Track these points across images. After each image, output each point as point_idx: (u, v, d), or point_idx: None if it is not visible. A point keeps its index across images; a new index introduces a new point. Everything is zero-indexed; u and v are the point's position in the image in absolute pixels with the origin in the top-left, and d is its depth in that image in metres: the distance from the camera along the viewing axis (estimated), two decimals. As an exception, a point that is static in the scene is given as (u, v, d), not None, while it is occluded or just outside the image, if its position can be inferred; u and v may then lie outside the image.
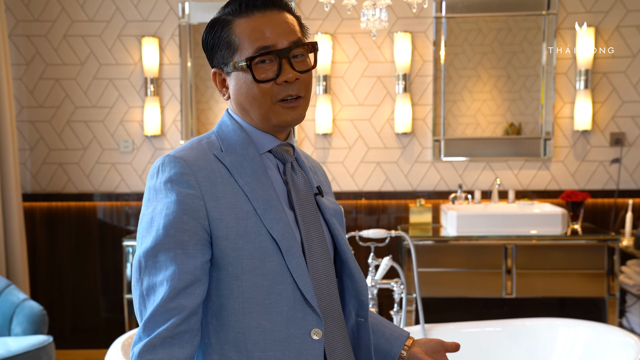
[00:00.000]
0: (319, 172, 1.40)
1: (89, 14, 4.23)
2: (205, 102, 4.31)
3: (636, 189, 4.10)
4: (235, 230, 1.17)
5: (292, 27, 1.24)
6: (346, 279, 1.31)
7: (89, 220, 4.30)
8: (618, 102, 4.07)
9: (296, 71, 1.21)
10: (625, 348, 2.13)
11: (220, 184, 1.19)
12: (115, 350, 2.28)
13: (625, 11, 4.01)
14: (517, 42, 4.12)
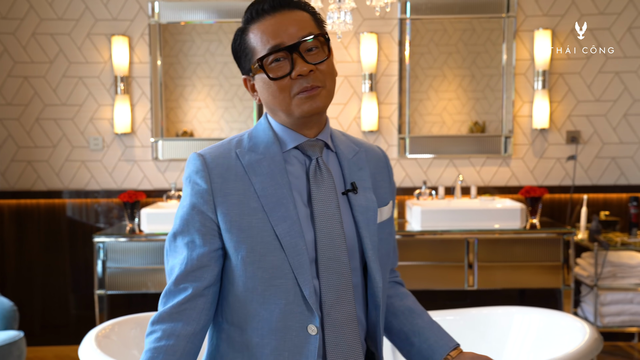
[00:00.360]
0: (369, 165, 1.40)
1: (58, 12, 4.25)
2: (174, 101, 4.37)
3: (591, 184, 4.29)
4: (239, 224, 1.26)
5: (302, 22, 1.28)
6: (368, 278, 1.35)
7: (59, 218, 4.32)
8: (573, 101, 4.25)
9: (309, 63, 1.25)
10: (574, 332, 2.28)
11: (233, 181, 1.28)
12: (89, 341, 2.34)
13: (580, 15, 4.19)
14: (480, 43, 4.27)
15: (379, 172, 1.42)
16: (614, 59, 4.21)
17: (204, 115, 4.37)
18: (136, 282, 3.80)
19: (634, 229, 4.13)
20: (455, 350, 1.36)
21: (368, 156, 1.41)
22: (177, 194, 4.16)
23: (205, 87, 4.37)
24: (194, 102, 4.38)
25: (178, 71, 4.35)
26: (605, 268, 3.96)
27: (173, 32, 4.31)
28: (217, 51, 4.34)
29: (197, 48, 4.34)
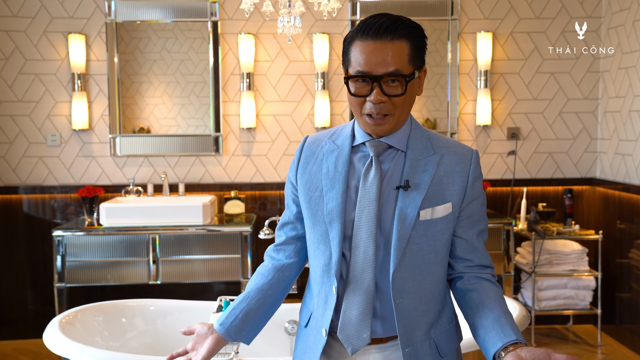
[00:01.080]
0: (441, 168, 1.54)
1: (13, 10, 4.29)
2: (130, 97, 4.45)
3: (530, 178, 4.58)
4: (304, 197, 1.61)
5: (396, 56, 1.46)
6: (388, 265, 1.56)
7: (16, 213, 4.36)
8: (513, 100, 4.53)
9: (385, 94, 1.47)
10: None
11: (312, 164, 1.61)
12: (53, 327, 2.45)
13: (518, 19, 4.47)
14: (431, 42, 4.49)
15: (450, 174, 1.55)
16: (550, 60, 4.50)
17: (160, 112, 4.47)
18: (95, 275, 3.89)
19: (569, 219, 4.43)
20: (514, 345, 1.39)
21: (445, 160, 1.56)
22: (135, 188, 4.26)
23: (162, 84, 4.46)
24: (150, 99, 4.47)
25: (134, 68, 4.44)
26: (543, 256, 4.25)
27: (129, 29, 4.39)
28: (173, 48, 4.44)
29: (153, 45, 4.43)
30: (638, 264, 4.08)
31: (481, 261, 1.59)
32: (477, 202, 1.58)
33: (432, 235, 1.53)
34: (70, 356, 2.32)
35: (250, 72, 4.36)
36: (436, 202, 1.53)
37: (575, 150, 4.58)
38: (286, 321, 2.92)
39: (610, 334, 4.38)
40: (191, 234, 3.91)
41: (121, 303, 2.88)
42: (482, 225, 1.60)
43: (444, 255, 1.57)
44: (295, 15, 2.66)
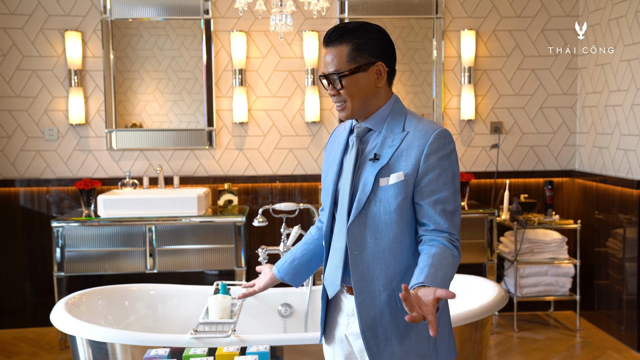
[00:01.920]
0: (403, 143, 1.80)
1: (10, 7, 4.40)
2: (123, 94, 4.58)
3: (512, 170, 4.76)
4: (325, 166, 1.98)
5: (336, 58, 1.80)
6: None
7: (14, 206, 4.48)
8: (496, 95, 4.71)
9: (335, 88, 1.82)
10: (487, 289, 2.70)
11: (331, 147, 1.98)
12: (59, 308, 2.58)
13: (500, 17, 4.65)
14: (418, 40, 4.66)
15: (409, 148, 1.79)
16: (530, 57, 4.68)
17: (152, 109, 4.60)
18: (93, 264, 4.02)
19: (549, 209, 4.62)
20: (421, 286, 1.63)
21: (409, 136, 1.81)
22: (131, 181, 4.39)
23: (154, 80, 4.59)
24: (142, 96, 4.59)
25: (126, 65, 4.56)
26: (524, 244, 4.43)
27: (121, 27, 4.51)
28: (165, 46, 4.57)
29: (144, 42, 4.56)
30: (615, 252, 4.27)
31: (438, 226, 1.77)
32: (433, 173, 1.76)
33: (385, 199, 1.78)
34: (76, 334, 2.46)
35: (242, 69, 4.50)
36: (392, 171, 1.78)
37: (556, 143, 4.77)
38: (279, 304, 3.07)
39: (588, 319, 4.57)
40: (186, 224, 4.04)
41: (123, 287, 3.02)
42: (440, 195, 1.76)
43: (398, 217, 1.78)
44: (286, 13, 2.82)
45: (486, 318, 2.68)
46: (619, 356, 3.95)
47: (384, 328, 1.78)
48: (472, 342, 2.66)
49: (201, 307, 2.97)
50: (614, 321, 4.26)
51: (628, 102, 4.08)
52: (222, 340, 2.34)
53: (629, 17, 4.05)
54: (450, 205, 1.78)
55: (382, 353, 1.78)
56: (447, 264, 1.69)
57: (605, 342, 4.19)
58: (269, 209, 3.44)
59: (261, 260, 3.01)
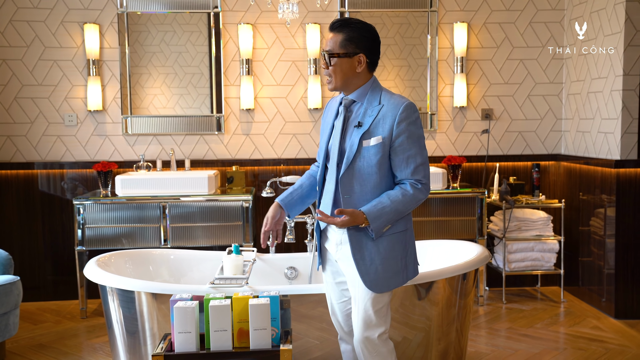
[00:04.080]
0: (380, 114, 2.34)
1: (33, 2, 4.72)
2: (131, 87, 4.89)
3: (502, 154, 5.08)
4: (321, 130, 2.53)
5: (334, 42, 2.34)
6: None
7: (36, 187, 4.80)
8: (487, 84, 5.03)
9: (326, 64, 2.37)
10: (472, 250, 3.03)
11: (325, 115, 2.54)
12: (92, 264, 2.91)
13: (490, 10, 4.96)
14: (416, 36, 4.97)
15: (385, 117, 2.34)
16: (519, 48, 5.00)
17: (159, 102, 4.90)
18: (111, 240, 4.33)
19: (536, 190, 4.94)
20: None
21: (384, 108, 2.35)
22: (145, 164, 4.71)
23: (161, 75, 4.89)
24: (150, 90, 4.90)
25: (134, 60, 4.86)
26: (512, 223, 4.75)
27: (130, 23, 4.82)
28: (171, 41, 4.87)
29: (152, 38, 4.86)
30: (597, 231, 4.58)
31: (405, 176, 2.35)
32: (404, 136, 2.32)
33: (368, 156, 2.34)
34: (107, 284, 2.79)
35: (249, 59, 4.82)
36: (372, 135, 2.35)
37: (543, 129, 5.09)
38: (285, 267, 3.40)
39: (572, 293, 4.89)
40: (197, 202, 4.36)
41: (146, 251, 3.35)
42: (410, 152, 2.34)
43: (377, 169, 2.34)
44: (293, 2, 3.14)
45: (469, 287, 3.01)
46: (597, 322, 4.28)
47: (369, 252, 2.37)
48: (457, 308, 2.98)
49: (216, 270, 3.29)
50: (596, 294, 4.58)
51: (607, 88, 4.40)
52: (237, 289, 2.66)
53: (608, 9, 4.36)
54: (418, 159, 2.35)
55: (369, 271, 2.36)
56: (394, 200, 2.32)
57: (587, 311, 4.51)
58: (276, 181, 3.76)
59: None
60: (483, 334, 4.09)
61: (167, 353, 2.32)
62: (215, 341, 2.36)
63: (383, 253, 2.36)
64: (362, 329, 2.41)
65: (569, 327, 4.19)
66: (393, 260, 2.38)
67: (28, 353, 3.81)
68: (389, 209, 2.30)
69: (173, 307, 2.35)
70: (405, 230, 2.43)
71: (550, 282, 5.13)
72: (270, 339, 2.39)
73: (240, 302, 2.40)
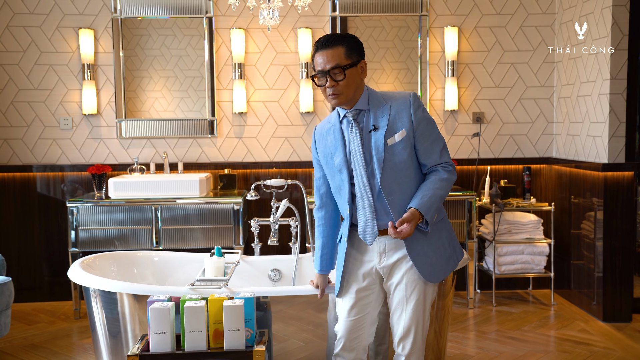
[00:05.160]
0: (392, 111, 2.39)
1: (30, 7, 4.80)
2: (132, 91, 4.96)
3: (493, 157, 5.10)
4: (324, 162, 2.53)
5: (335, 57, 2.33)
6: (375, 180, 2.43)
7: (33, 189, 4.88)
8: (478, 87, 5.06)
9: (334, 80, 2.35)
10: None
11: (322, 141, 2.52)
12: (76, 266, 2.97)
13: (481, 14, 5.00)
14: (404, 36, 5.01)
15: (398, 112, 2.39)
16: (510, 52, 5.03)
17: (160, 105, 4.97)
18: (104, 241, 4.40)
19: (527, 194, 4.96)
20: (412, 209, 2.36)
21: (393, 105, 2.39)
22: (139, 167, 4.77)
23: (162, 78, 4.96)
24: (151, 93, 4.97)
25: (135, 63, 4.94)
26: (502, 226, 4.78)
27: (130, 27, 4.90)
28: (172, 45, 4.94)
29: (153, 42, 4.94)
30: (588, 234, 4.60)
31: (434, 162, 2.42)
32: (423, 123, 2.40)
33: (397, 152, 2.38)
34: (89, 285, 2.84)
35: (241, 63, 4.88)
36: (394, 132, 2.39)
37: (534, 132, 5.11)
38: (269, 270, 3.44)
39: (563, 296, 4.91)
40: (189, 205, 4.42)
41: (131, 253, 3.41)
42: (433, 136, 2.42)
43: (411, 162, 2.39)
44: (273, 9, 3.20)
45: (448, 288, 3.04)
46: (585, 325, 4.29)
47: (421, 246, 2.43)
48: (435, 309, 3.02)
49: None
50: (586, 297, 4.59)
51: (596, 92, 4.42)
52: (215, 290, 2.71)
53: (596, 13, 4.39)
54: (441, 142, 2.44)
55: (425, 264, 2.43)
56: (435, 187, 2.37)
57: (576, 314, 4.53)
58: (260, 184, 3.81)
59: (253, 230, 3.38)
60: (470, 336, 4.12)
61: (142, 353, 2.38)
62: (190, 341, 2.41)
63: (434, 243, 2.45)
64: (414, 328, 2.46)
65: (557, 330, 4.21)
66: (443, 248, 2.48)
67: (20, 353, 3.88)
68: (434, 198, 2.36)
69: (149, 307, 2.41)
70: (444, 217, 2.53)
71: (542, 285, 5.15)
72: (244, 339, 2.44)
73: (216, 303, 2.45)
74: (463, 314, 4.57)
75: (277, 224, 3.33)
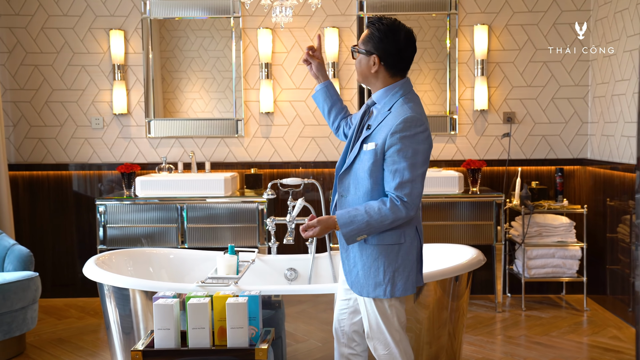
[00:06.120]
0: (384, 121, 2.33)
1: (63, 9, 4.93)
2: (171, 92, 5.04)
3: (525, 158, 4.98)
4: (350, 125, 2.60)
5: (362, 36, 2.38)
6: None
7: (66, 187, 5.00)
8: (509, 86, 4.94)
9: (353, 57, 2.44)
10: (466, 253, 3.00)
11: (355, 116, 2.57)
12: (90, 263, 3.02)
13: (512, 12, 4.88)
14: (433, 35, 4.93)
15: (385, 126, 2.31)
16: (542, 50, 4.89)
17: (198, 106, 5.04)
18: (131, 239, 4.47)
19: (560, 195, 4.81)
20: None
21: (389, 116, 2.32)
22: (167, 166, 4.83)
23: (200, 80, 5.02)
24: (189, 94, 5.04)
25: (174, 65, 5.02)
26: (533, 228, 4.65)
27: (169, 29, 4.97)
28: (210, 46, 5.00)
29: (191, 44, 5.00)
30: (624, 238, 4.43)
31: (389, 189, 2.30)
32: (394, 148, 2.27)
33: (364, 160, 2.34)
34: (102, 281, 2.89)
35: (268, 63, 4.89)
36: (371, 140, 2.35)
37: (567, 133, 4.96)
38: (286, 269, 3.43)
39: (598, 302, 4.74)
40: (214, 204, 4.45)
41: (147, 250, 3.45)
42: (397, 166, 2.28)
43: (369, 175, 2.33)
44: (286, 6, 3.19)
45: (462, 290, 2.98)
46: (617, 332, 4.14)
47: (353, 254, 2.38)
48: (449, 310, 2.96)
49: (216, 270, 3.36)
50: (622, 303, 4.43)
51: (630, 90, 4.26)
52: (222, 288, 2.71)
53: (631, 9, 4.22)
54: (405, 175, 2.27)
55: (351, 272, 2.38)
56: (368, 211, 2.28)
57: (609, 321, 4.37)
58: (277, 183, 3.81)
59: (270, 229, 3.38)
60: (495, 340, 4.02)
61: (146, 349, 2.40)
62: (194, 338, 2.42)
63: (365, 260, 2.34)
64: (370, 332, 2.40)
65: (587, 337, 4.07)
66: (375, 270, 2.32)
67: (47, 346, 3.98)
68: (360, 218, 2.26)
69: (153, 303, 2.42)
70: (399, 244, 2.32)
71: (575, 290, 4.99)
72: (248, 337, 2.43)
73: (220, 301, 2.45)
74: (490, 318, 4.46)
75: (294, 223, 3.31)
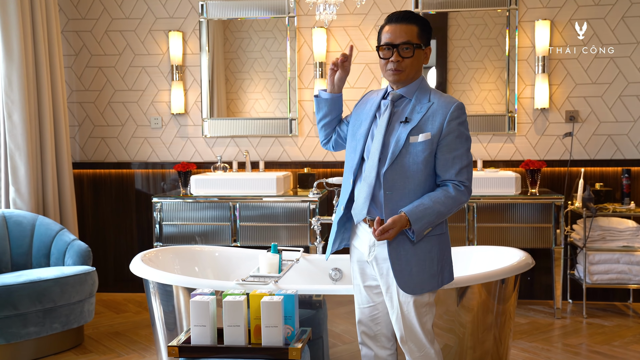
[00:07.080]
0: (429, 111, 2.31)
1: (126, 13, 5.08)
2: (234, 93, 5.12)
3: (588, 159, 4.75)
4: (352, 122, 2.48)
5: (408, 33, 2.30)
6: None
7: (127, 185, 5.16)
8: (572, 84, 4.73)
9: (400, 56, 2.31)
10: (515, 256, 2.89)
11: (363, 107, 2.47)
12: (137, 260, 3.10)
13: (576, 6, 4.67)
14: (492, 32, 4.80)
15: (434, 114, 2.31)
16: (609, 45, 4.66)
17: (260, 107, 5.10)
18: (186, 236, 4.55)
19: (626, 198, 4.57)
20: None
21: (434, 105, 2.32)
22: (222, 165, 4.91)
23: (262, 80, 5.08)
24: (251, 94, 5.10)
25: (238, 66, 5.09)
26: (596, 232, 4.43)
27: (233, 30, 5.05)
28: (272, 47, 5.04)
29: (254, 44, 5.06)
30: (697, 244, 4.17)
31: (449, 177, 2.31)
32: (453, 135, 2.30)
33: (414, 152, 2.30)
34: (147, 277, 2.95)
35: (322, 62, 4.88)
36: (421, 131, 2.31)
37: (636, 132, 4.71)
38: (330, 269, 3.41)
39: (666, 311, 4.48)
40: (266, 203, 4.48)
41: (193, 247, 3.51)
42: (457, 152, 2.30)
43: (423, 167, 2.30)
44: (330, 4, 3.16)
45: (509, 293, 2.87)
46: (685, 344, 3.89)
47: (405, 252, 2.32)
48: (495, 314, 2.85)
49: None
50: (691, 312, 4.17)
51: (703, 87, 3.99)
52: (261, 287, 2.72)
53: None
54: (464, 160, 2.32)
55: (403, 272, 2.32)
56: (436, 201, 2.27)
57: (678, 332, 4.12)
58: (323, 182, 3.79)
59: (315, 229, 3.36)
60: (551, 348, 3.86)
61: (182, 345, 2.43)
62: (229, 336, 2.43)
63: (420, 254, 2.32)
64: (405, 335, 2.38)
65: (651, 348, 3.85)
66: (430, 262, 2.34)
67: (103, 339, 4.11)
68: (431, 211, 2.26)
69: (190, 300, 2.45)
70: (443, 233, 2.39)
71: (643, 298, 4.73)
72: (283, 336, 2.42)
73: (256, 299, 2.46)
74: (548, 324, 4.29)
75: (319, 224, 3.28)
